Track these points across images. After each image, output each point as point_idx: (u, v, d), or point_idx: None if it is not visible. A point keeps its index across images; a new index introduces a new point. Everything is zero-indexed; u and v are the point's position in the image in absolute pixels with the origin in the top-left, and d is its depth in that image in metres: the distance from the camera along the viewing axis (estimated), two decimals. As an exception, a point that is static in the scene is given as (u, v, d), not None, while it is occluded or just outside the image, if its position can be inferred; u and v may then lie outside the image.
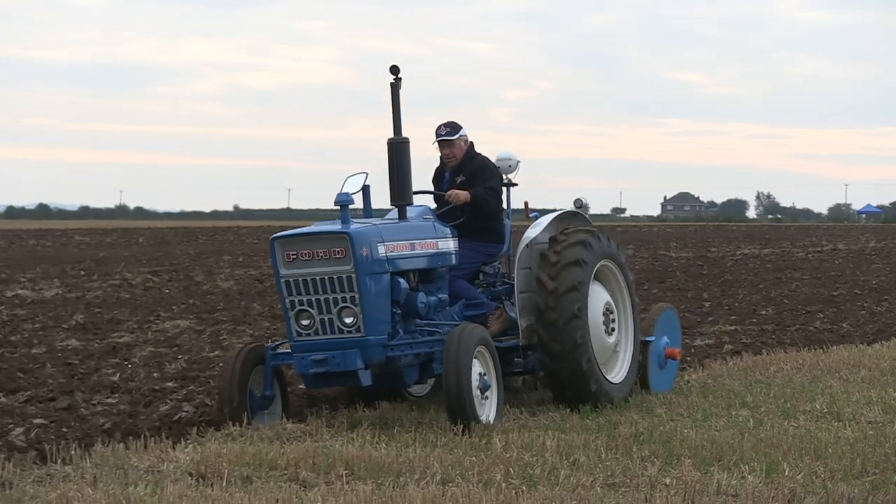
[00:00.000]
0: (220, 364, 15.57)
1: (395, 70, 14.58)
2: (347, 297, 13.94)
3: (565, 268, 15.20)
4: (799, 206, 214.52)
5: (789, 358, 20.46)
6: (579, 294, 15.18)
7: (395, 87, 14.71)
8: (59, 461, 12.09)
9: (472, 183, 15.73)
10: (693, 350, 21.58)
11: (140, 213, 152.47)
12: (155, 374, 17.65)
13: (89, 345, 20.80)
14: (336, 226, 14.15)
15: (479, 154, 16.03)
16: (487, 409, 14.16)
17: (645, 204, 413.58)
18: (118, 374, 17.53)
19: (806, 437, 13.49)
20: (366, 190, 14.72)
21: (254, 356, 14.30)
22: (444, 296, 15.31)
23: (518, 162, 16.34)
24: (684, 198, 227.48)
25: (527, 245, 15.70)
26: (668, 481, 11.51)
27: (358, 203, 14.81)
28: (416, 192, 15.42)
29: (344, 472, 11.89)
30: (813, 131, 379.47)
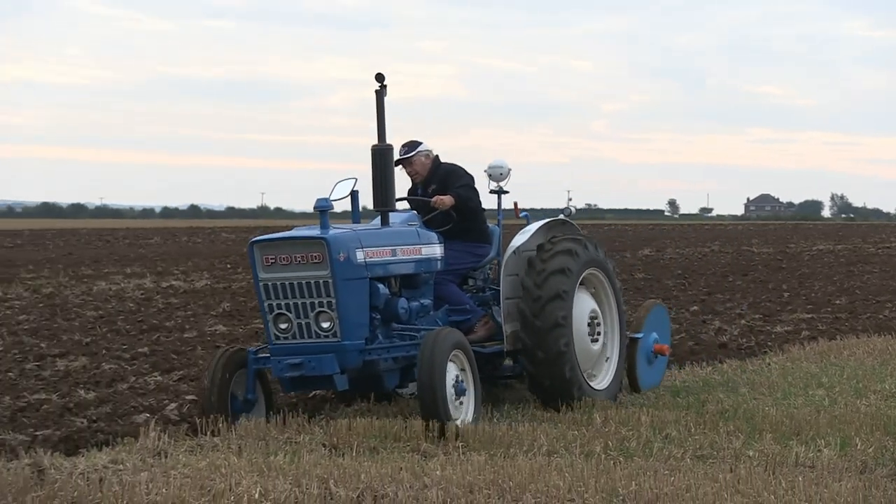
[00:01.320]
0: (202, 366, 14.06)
1: (380, 78, 13.24)
2: (324, 301, 12.52)
3: (551, 276, 13.79)
4: (870, 206, 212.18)
5: (861, 343, 20.16)
6: (564, 302, 13.76)
7: (380, 94, 13.31)
8: (208, 433, 12.13)
9: (444, 189, 14.23)
10: (773, 336, 21.40)
11: (279, 213, 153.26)
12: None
13: (234, 330, 20.93)
14: (314, 231, 12.74)
15: (445, 163, 14.54)
16: (464, 412, 12.69)
17: (730, 204, 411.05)
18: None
19: (877, 415, 13.29)
20: (354, 195, 13.25)
21: (235, 360, 12.79)
22: (428, 301, 13.80)
23: (509, 170, 14.68)
24: (765, 199, 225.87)
25: (514, 252, 14.19)
26: (751, 453, 11.39)
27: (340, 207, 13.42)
28: (399, 199, 14.06)
29: (460, 444, 11.88)
30: (882, 139, 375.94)
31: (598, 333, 14.45)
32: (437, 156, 14.46)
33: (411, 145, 14.35)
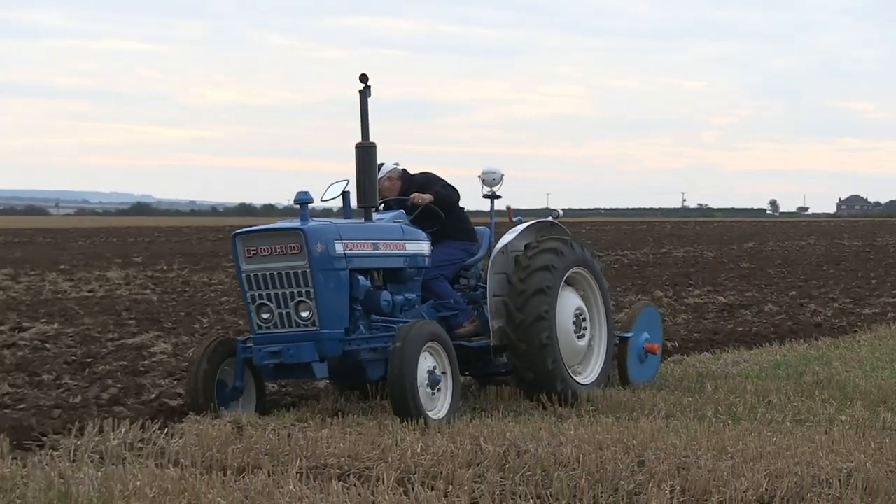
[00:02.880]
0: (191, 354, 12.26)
1: (364, 79, 11.77)
2: (303, 291, 11.15)
3: (535, 272, 12.30)
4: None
5: (941, 323, 19.83)
6: (546, 297, 12.23)
7: (364, 94, 11.82)
8: (377, 397, 12.20)
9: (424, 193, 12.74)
10: (863, 317, 21.09)
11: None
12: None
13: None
14: (293, 223, 11.42)
15: (417, 174, 12.99)
16: (439, 404, 11.20)
17: (824, 204, 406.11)
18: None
19: (953, 385, 13.05)
20: (346, 195, 11.95)
21: (224, 349, 11.44)
22: (413, 295, 12.21)
23: (502, 175, 13.15)
24: (855, 199, 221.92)
25: (502, 251, 12.72)
26: (843, 418, 11.23)
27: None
28: (381, 201, 12.52)
29: (590, 408, 11.86)
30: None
31: (584, 330, 12.86)
32: (403, 170, 12.92)
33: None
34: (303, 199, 11.24)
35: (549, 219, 13.19)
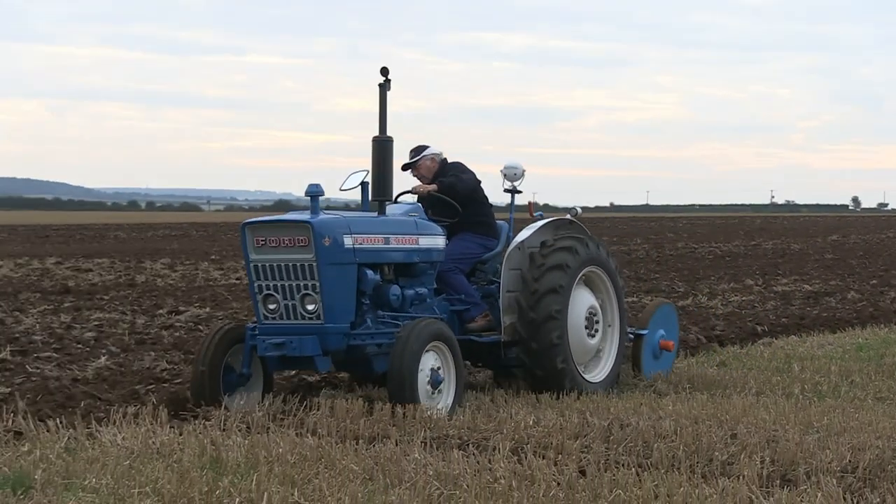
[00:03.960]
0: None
1: (384, 72, 10.70)
2: (309, 284, 10.11)
3: (548, 271, 11.24)
4: None
5: None
6: (559, 296, 11.17)
7: (384, 88, 10.72)
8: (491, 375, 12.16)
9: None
10: (939, 303, 20.68)
11: (546, 209, 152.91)
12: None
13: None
14: (302, 215, 10.36)
15: (452, 162, 11.83)
16: (441, 404, 10.11)
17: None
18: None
19: None
20: (364, 186, 10.85)
21: (232, 336, 10.41)
22: (425, 290, 11.06)
23: (523, 171, 12.10)
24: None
25: (517, 247, 11.56)
26: (921, 397, 11.04)
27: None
28: (400, 194, 11.68)
29: (687, 386, 11.75)
30: None
31: (597, 329, 11.68)
32: (444, 158, 11.78)
33: (417, 150, 11.75)
34: (314, 192, 10.22)
35: (568, 216, 12.00)
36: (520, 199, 12.34)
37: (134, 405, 9.97)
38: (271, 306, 10.22)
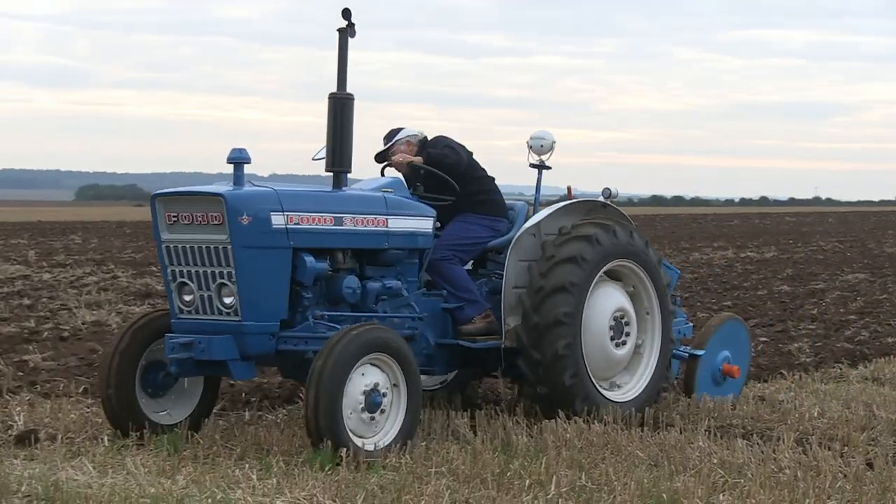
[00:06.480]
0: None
1: (347, 14, 8.29)
2: (224, 272, 7.81)
3: (559, 264, 8.80)
4: None
5: None
6: (569, 296, 8.71)
7: (345, 34, 8.34)
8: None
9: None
10: None
11: (829, 202, 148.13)
12: (841, 310, 17.15)
13: (796, 290, 20.43)
14: (219, 187, 7.94)
15: (434, 137, 9.29)
16: (382, 430, 7.68)
17: None
18: (815, 309, 17.16)
19: None
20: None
21: (155, 326, 8.17)
22: (397, 282, 8.61)
23: (553, 142, 9.56)
24: None
25: (531, 232, 9.09)
26: None
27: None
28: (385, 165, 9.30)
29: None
30: None
31: (626, 335, 9.14)
32: (423, 138, 9.28)
33: (390, 135, 9.29)
34: (237, 158, 7.93)
35: (601, 198, 9.58)
36: (553, 182, 9.84)
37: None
38: (187, 297, 8.02)
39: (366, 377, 7.61)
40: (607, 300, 9.07)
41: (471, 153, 9.18)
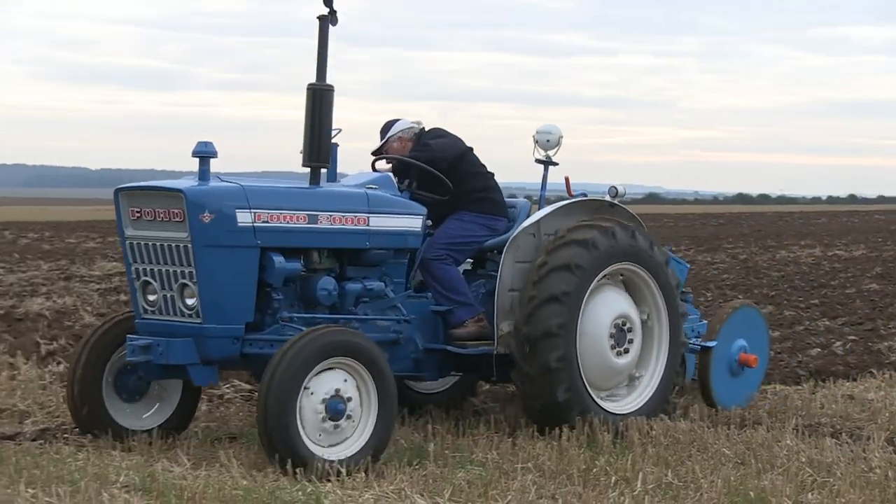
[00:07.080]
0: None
1: (328, 1, 7.78)
2: (185, 272, 7.44)
3: (551, 272, 8.20)
4: None
5: None
6: (562, 307, 8.12)
7: (325, 22, 7.79)
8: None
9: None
10: None
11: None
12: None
13: (885, 288, 20.08)
14: (181, 183, 7.57)
15: (431, 129, 8.86)
16: (350, 439, 7.22)
17: None
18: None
19: None
20: (332, 149, 8.06)
21: (122, 330, 7.88)
22: (379, 284, 8.11)
23: (560, 137, 8.96)
24: None
25: (530, 232, 8.54)
26: None
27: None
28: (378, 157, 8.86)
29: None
30: None
31: (629, 343, 8.55)
32: (419, 130, 8.83)
33: (383, 131, 8.84)
34: (202, 152, 7.51)
35: (607, 197, 8.95)
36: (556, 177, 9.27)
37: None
38: (150, 297, 7.67)
39: (325, 383, 7.13)
40: (607, 306, 8.48)
41: (469, 148, 8.77)
